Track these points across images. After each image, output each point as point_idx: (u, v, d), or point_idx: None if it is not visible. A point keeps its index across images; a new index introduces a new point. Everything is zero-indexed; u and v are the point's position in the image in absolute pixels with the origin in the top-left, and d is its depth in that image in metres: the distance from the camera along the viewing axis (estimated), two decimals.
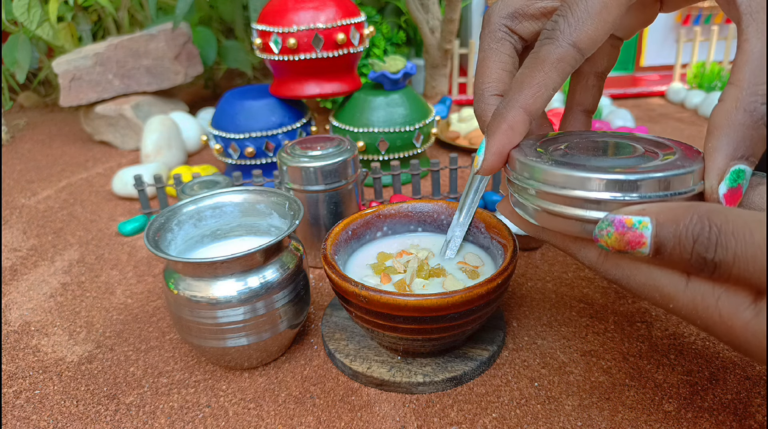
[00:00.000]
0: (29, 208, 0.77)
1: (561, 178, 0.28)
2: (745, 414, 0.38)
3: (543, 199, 0.29)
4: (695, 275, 0.25)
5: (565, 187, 0.28)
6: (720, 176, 0.27)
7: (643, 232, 0.25)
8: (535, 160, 0.30)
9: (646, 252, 0.25)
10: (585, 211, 0.28)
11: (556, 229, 0.30)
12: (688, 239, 0.24)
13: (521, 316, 0.49)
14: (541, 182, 0.29)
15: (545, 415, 0.39)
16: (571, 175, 0.28)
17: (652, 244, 0.25)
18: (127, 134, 0.97)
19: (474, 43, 1.06)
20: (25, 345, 0.49)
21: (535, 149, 0.31)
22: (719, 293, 0.24)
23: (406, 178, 0.75)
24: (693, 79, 1.07)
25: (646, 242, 0.25)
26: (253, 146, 0.72)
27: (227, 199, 0.47)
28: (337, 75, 0.72)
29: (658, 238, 0.25)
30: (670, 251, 0.24)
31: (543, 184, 0.29)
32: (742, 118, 0.26)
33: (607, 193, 0.27)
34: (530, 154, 0.30)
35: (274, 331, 0.42)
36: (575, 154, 0.30)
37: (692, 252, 0.24)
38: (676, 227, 0.24)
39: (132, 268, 0.60)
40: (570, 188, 0.28)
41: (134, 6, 1.18)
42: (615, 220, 0.26)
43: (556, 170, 0.28)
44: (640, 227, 0.25)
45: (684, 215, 0.24)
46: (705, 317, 0.25)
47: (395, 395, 0.41)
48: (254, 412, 0.40)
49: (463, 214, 0.47)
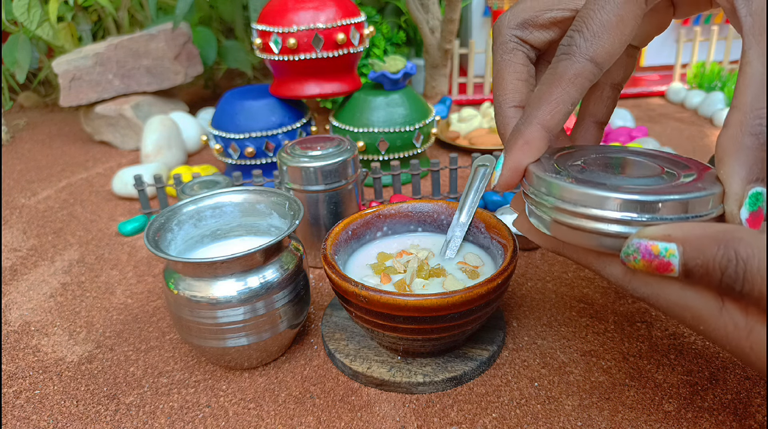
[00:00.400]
0: (29, 208, 0.77)
1: (579, 195, 0.28)
2: (745, 414, 0.38)
3: (560, 213, 0.29)
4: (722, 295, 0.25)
5: (584, 205, 0.28)
6: (739, 202, 0.27)
7: (671, 260, 0.25)
8: (553, 176, 0.29)
9: (676, 274, 0.25)
10: (604, 225, 0.27)
11: (574, 243, 0.30)
12: (715, 271, 0.24)
13: (521, 316, 0.49)
14: (559, 199, 0.29)
15: (545, 415, 0.39)
16: (589, 194, 0.27)
17: (681, 269, 0.25)
18: (127, 134, 0.97)
19: (474, 43, 1.06)
20: (25, 345, 0.49)
21: (553, 164, 0.31)
22: (752, 325, 0.24)
23: (406, 178, 0.75)
24: (693, 79, 1.07)
25: (674, 269, 0.25)
26: (253, 146, 0.72)
27: (227, 199, 0.47)
28: (337, 75, 0.72)
29: (687, 266, 0.25)
30: (699, 278, 0.25)
31: (560, 200, 0.29)
32: (749, 141, 0.26)
33: (626, 213, 0.27)
34: (548, 169, 0.30)
35: (274, 331, 0.42)
36: (593, 171, 0.30)
37: (720, 282, 0.24)
38: (703, 258, 0.24)
39: (132, 268, 0.60)
40: (588, 206, 0.28)
41: (134, 6, 1.18)
42: (641, 246, 0.26)
43: (575, 188, 0.28)
44: (667, 255, 0.25)
45: (710, 245, 0.24)
46: (735, 345, 0.25)
47: (395, 395, 0.41)
48: (254, 412, 0.40)
49: (463, 214, 0.47)
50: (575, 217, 0.28)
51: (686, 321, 0.26)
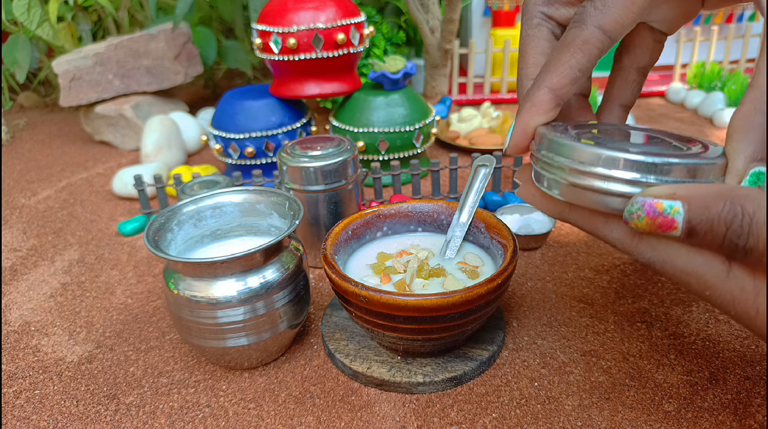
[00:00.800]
0: (29, 208, 0.77)
1: (589, 155, 0.28)
2: (745, 414, 0.38)
3: (569, 173, 0.29)
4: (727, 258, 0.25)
5: (593, 164, 0.28)
6: (740, 178, 0.27)
7: (675, 217, 0.25)
8: (563, 136, 0.30)
9: (678, 234, 0.25)
10: (613, 185, 0.27)
11: (582, 205, 0.29)
12: (720, 226, 0.24)
13: (521, 316, 0.49)
14: (568, 158, 0.29)
15: (545, 415, 0.39)
16: (599, 153, 0.28)
17: (684, 229, 0.25)
18: (127, 134, 0.97)
19: (474, 43, 1.06)
20: (25, 345, 0.49)
21: (564, 129, 0.31)
22: (759, 288, 0.24)
23: (406, 178, 0.75)
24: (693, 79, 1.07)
25: (677, 226, 0.25)
26: (253, 146, 0.72)
27: (227, 199, 0.47)
28: (337, 75, 0.72)
29: (691, 223, 0.24)
30: (702, 236, 0.24)
31: (570, 160, 0.29)
32: (761, 120, 0.26)
33: (634, 173, 0.27)
34: (558, 132, 0.31)
35: (274, 331, 0.42)
36: (605, 139, 0.30)
37: (724, 238, 0.24)
38: (708, 213, 0.24)
39: (132, 268, 0.60)
40: (597, 166, 0.28)
41: (134, 6, 1.18)
42: (645, 203, 0.26)
43: (585, 148, 0.28)
44: (672, 212, 0.25)
45: (716, 201, 0.24)
46: (741, 310, 0.25)
47: (395, 395, 0.41)
48: (254, 412, 0.40)
49: (463, 214, 0.47)
50: (584, 176, 0.28)
51: (692, 287, 0.26)
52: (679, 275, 0.26)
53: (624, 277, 0.53)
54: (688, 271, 0.26)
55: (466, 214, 0.47)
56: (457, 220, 0.47)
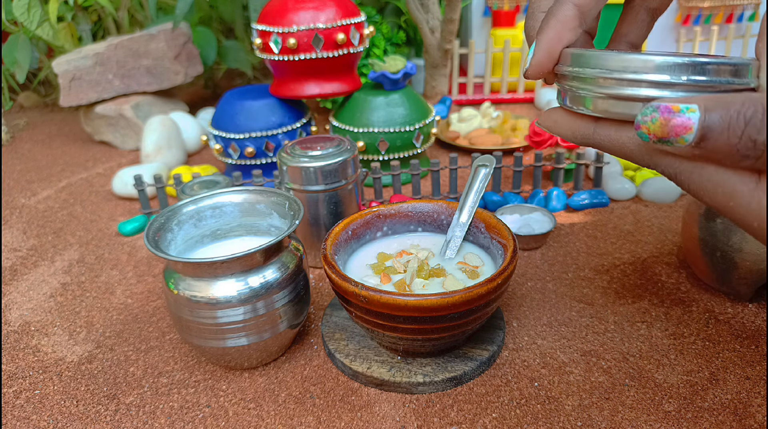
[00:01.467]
0: (29, 208, 0.77)
1: (621, 61, 0.27)
2: (745, 414, 0.38)
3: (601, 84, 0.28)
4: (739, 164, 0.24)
5: (626, 70, 0.27)
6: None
7: (691, 116, 0.24)
8: (592, 50, 0.29)
9: (691, 139, 0.24)
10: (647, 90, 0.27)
11: (613, 116, 0.29)
12: (739, 122, 0.23)
13: (521, 316, 0.49)
14: (600, 68, 0.28)
15: (545, 415, 0.39)
16: (630, 58, 0.27)
17: (699, 129, 0.24)
18: (127, 134, 0.97)
19: (474, 43, 1.06)
20: (25, 345, 0.49)
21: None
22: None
23: (406, 178, 0.75)
24: None
25: (692, 127, 0.24)
26: (253, 146, 0.72)
27: (227, 199, 0.47)
28: (337, 75, 0.72)
29: (706, 122, 0.24)
30: (717, 137, 0.24)
31: (601, 70, 0.28)
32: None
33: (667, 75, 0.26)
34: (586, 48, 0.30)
35: (274, 331, 0.42)
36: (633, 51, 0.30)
37: (742, 135, 0.23)
38: (726, 111, 0.23)
39: (132, 268, 0.60)
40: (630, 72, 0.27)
41: (134, 6, 1.18)
42: (660, 106, 0.25)
43: (616, 55, 0.27)
44: (688, 112, 0.24)
45: (735, 100, 0.23)
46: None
47: (395, 395, 0.41)
48: (254, 412, 0.40)
49: (463, 214, 0.47)
50: (617, 84, 0.28)
51: (716, 198, 0.25)
52: (704, 185, 0.25)
53: (624, 277, 0.53)
54: (715, 181, 0.25)
55: (466, 214, 0.47)
56: (457, 220, 0.47)
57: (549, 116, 0.33)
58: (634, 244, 0.58)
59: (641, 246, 0.58)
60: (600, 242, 0.59)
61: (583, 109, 0.30)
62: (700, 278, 0.51)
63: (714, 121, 0.24)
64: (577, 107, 0.31)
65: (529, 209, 0.62)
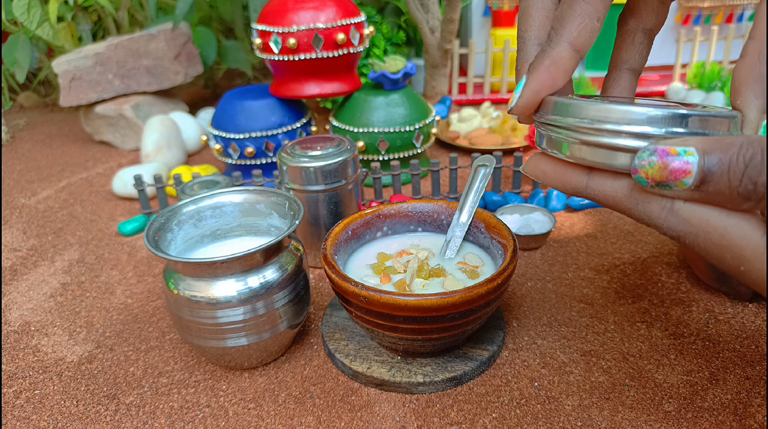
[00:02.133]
0: (29, 208, 0.77)
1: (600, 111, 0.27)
2: (745, 414, 0.38)
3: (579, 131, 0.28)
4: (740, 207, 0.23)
5: (604, 120, 0.27)
6: (756, 129, 0.26)
7: (689, 160, 0.24)
8: (572, 98, 0.29)
9: (690, 182, 0.24)
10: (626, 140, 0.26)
11: (592, 164, 0.28)
12: (739, 164, 0.22)
13: (521, 316, 0.49)
14: (578, 117, 0.28)
15: (545, 415, 0.39)
16: (609, 108, 0.27)
17: (698, 172, 0.23)
18: (127, 134, 0.97)
19: (474, 43, 1.06)
20: (25, 345, 0.49)
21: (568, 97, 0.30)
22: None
23: (406, 178, 0.75)
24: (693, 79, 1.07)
25: (691, 171, 0.23)
26: (253, 146, 0.72)
27: (227, 199, 0.47)
28: (337, 75, 0.72)
29: (706, 165, 0.23)
30: (717, 179, 0.23)
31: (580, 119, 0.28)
32: (763, 70, 0.26)
33: (647, 126, 0.26)
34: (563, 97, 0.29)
35: (274, 331, 0.42)
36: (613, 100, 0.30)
37: (742, 177, 0.22)
38: (725, 154, 0.23)
39: (132, 268, 0.60)
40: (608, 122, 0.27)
41: (134, 6, 1.18)
42: (657, 149, 0.24)
43: (594, 104, 0.27)
44: (686, 155, 0.24)
45: (734, 142, 0.23)
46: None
47: (395, 395, 0.41)
48: (254, 412, 0.40)
49: (463, 214, 0.47)
50: (594, 133, 0.27)
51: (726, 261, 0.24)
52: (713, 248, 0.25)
53: (624, 277, 0.53)
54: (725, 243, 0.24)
55: (466, 214, 0.47)
56: (457, 220, 0.47)
57: (536, 166, 0.31)
58: (634, 244, 0.58)
59: (641, 246, 0.58)
60: (600, 242, 0.59)
61: (558, 153, 0.30)
62: (700, 278, 0.51)
63: (713, 164, 0.23)
64: (553, 151, 0.30)
65: (529, 209, 0.62)
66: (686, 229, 0.25)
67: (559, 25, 0.29)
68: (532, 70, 0.30)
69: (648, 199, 0.27)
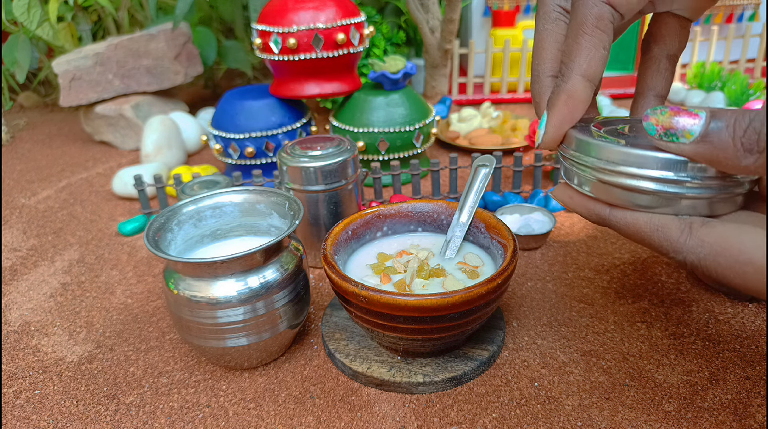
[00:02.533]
0: (29, 208, 0.77)
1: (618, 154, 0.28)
2: (745, 414, 0.38)
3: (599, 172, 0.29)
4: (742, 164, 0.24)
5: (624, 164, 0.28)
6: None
7: (699, 113, 0.25)
8: (592, 137, 0.30)
9: (697, 131, 0.25)
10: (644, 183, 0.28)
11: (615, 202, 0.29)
12: (744, 118, 0.24)
13: (521, 316, 0.49)
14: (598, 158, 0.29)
15: (545, 415, 0.39)
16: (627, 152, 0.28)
17: (705, 123, 0.24)
18: (127, 134, 0.97)
19: (474, 43, 1.06)
20: (25, 345, 0.49)
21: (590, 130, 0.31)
22: None
23: (406, 178, 0.75)
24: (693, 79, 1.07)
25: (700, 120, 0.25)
26: (253, 146, 0.72)
27: (227, 199, 0.47)
28: (337, 75, 0.72)
29: (713, 118, 0.24)
30: (722, 131, 0.24)
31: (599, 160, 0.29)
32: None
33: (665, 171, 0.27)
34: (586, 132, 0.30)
35: (274, 331, 0.42)
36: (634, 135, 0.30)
37: (747, 128, 0.23)
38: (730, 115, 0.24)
39: (132, 268, 0.60)
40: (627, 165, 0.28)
41: (134, 6, 1.18)
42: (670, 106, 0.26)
43: (614, 147, 0.28)
44: (695, 110, 0.25)
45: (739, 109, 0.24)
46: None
47: (395, 395, 0.41)
48: (254, 412, 0.40)
49: (464, 214, 0.47)
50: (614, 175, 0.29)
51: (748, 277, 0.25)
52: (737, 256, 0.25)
53: (624, 277, 0.53)
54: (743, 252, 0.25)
55: (466, 214, 0.47)
56: (457, 220, 0.47)
57: (564, 192, 0.33)
58: (634, 244, 0.58)
59: (641, 246, 0.58)
60: (600, 242, 0.59)
61: (582, 189, 0.31)
62: (700, 278, 0.51)
63: (720, 117, 0.24)
64: (578, 186, 0.31)
65: (529, 209, 0.62)
66: (706, 250, 0.26)
67: (569, 59, 0.30)
68: (551, 106, 0.31)
69: (667, 226, 0.27)
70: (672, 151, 0.26)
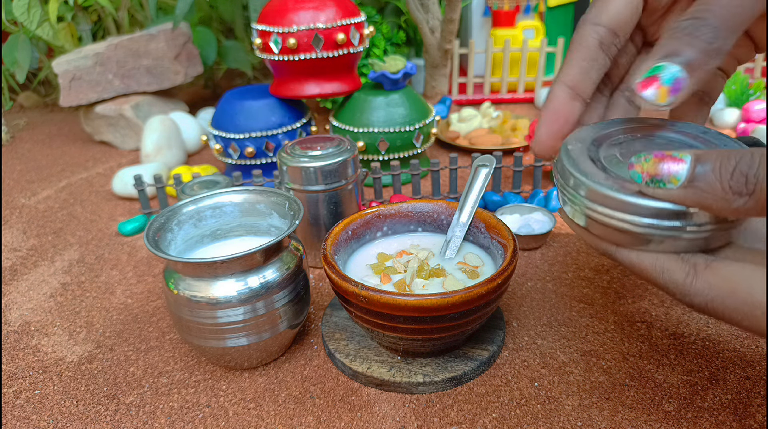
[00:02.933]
0: (29, 208, 0.77)
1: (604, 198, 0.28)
2: (745, 414, 0.38)
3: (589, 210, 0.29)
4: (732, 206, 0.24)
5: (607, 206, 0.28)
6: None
7: (683, 157, 0.25)
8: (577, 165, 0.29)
9: (684, 175, 0.25)
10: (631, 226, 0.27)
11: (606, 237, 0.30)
12: (730, 160, 0.24)
13: (521, 316, 0.49)
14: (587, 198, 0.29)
15: (545, 415, 0.39)
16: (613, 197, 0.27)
17: (691, 167, 0.25)
18: (127, 134, 0.97)
19: (474, 43, 1.06)
20: (25, 345, 0.49)
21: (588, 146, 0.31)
22: None
23: (406, 178, 0.75)
24: None
25: (684, 165, 0.25)
26: (253, 146, 0.72)
27: (227, 199, 0.47)
28: (337, 75, 0.72)
29: (698, 161, 0.24)
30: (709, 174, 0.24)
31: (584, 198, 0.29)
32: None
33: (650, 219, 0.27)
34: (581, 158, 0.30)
35: (274, 331, 0.42)
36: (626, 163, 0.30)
37: (733, 171, 0.23)
38: (716, 157, 0.24)
39: (132, 268, 0.60)
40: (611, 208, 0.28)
41: (134, 6, 1.18)
42: (654, 152, 0.26)
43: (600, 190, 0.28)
44: (680, 155, 0.25)
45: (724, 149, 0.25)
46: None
47: (395, 395, 0.41)
48: (254, 412, 0.40)
49: (464, 214, 0.47)
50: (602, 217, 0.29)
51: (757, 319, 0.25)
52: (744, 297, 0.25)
53: (624, 277, 0.53)
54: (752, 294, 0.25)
55: (466, 214, 0.47)
56: (457, 220, 0.47)
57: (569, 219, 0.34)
58: None
59: None
60: None
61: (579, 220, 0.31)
62: None
63: (706, 160, 0.24)
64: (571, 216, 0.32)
65: (529, 209, 0.62)
66: (713, 293, 0.26)
67: (560, 70, 0.33)
68: (541, 117, 0.33)
69: (671, 269, 0.27)
70: (661, 197, 0.26)
